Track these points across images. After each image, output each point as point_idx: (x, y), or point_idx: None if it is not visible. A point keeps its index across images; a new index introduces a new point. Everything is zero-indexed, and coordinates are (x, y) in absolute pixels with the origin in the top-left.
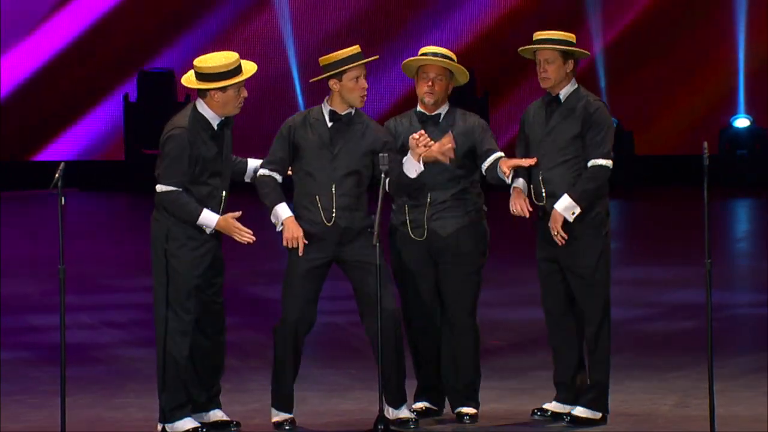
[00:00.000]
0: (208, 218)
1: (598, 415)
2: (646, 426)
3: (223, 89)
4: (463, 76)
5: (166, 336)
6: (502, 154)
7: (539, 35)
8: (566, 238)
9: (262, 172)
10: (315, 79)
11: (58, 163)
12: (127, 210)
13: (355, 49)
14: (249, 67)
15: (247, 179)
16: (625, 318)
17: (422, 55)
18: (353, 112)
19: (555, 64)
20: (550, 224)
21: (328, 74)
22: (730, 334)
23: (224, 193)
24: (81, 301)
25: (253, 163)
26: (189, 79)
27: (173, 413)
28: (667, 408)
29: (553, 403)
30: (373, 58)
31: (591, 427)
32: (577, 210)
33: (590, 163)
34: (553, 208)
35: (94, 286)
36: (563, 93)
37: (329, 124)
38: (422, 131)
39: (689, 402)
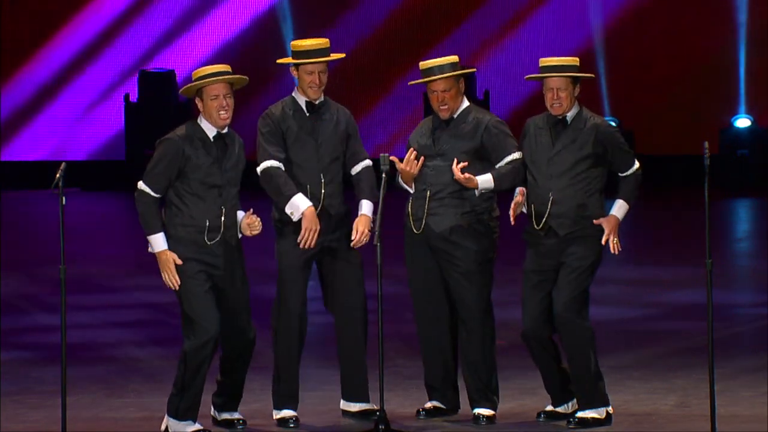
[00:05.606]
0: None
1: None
2: (646, 426)
3: (200, 95)
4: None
5: (188, 336)
6: (516, 156)
7: (547, 62)
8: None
9: (270, 164)
10: (280, 60)
11: (59, 163)
12: (128, 210)
13: (322, 44)
14: (234, 79)
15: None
16: (625, 318)
17: (424, 69)
18: (324, 98)
19: (567, 91)
20: (609, 232)
21: (287, 60)
22: (730, 334)
23: (223, 208)
24: (81, 301)
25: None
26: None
27: (186, 413)
28: (667, 408)
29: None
30: (338, 56)
31: (596, 427)
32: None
33: (627, 173)
34: (608, 215)
35: (94, 286)
36: (570, 115)
37: (307, 114)
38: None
39: (689, 402)
